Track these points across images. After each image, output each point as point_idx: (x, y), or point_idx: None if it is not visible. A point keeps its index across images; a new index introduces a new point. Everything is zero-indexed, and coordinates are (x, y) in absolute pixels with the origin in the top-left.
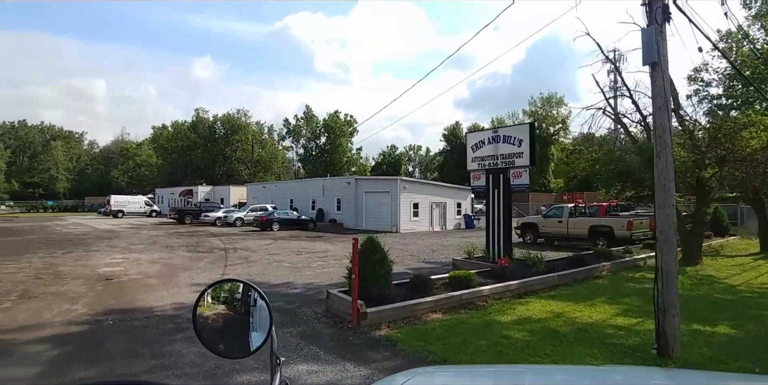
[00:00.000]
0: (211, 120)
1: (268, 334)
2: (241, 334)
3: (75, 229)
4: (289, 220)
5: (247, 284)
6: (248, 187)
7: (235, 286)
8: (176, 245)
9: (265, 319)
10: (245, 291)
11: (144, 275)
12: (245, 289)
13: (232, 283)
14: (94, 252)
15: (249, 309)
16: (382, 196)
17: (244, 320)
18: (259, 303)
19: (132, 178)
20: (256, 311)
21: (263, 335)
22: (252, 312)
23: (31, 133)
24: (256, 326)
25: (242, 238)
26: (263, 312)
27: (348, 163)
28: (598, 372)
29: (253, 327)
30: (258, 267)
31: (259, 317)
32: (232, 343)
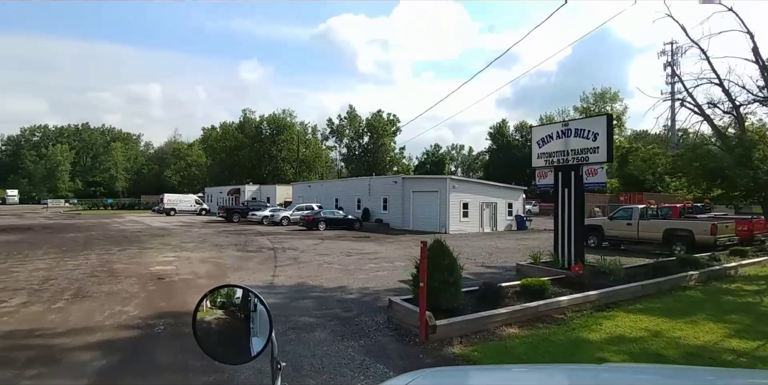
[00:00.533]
0: (257, 120)
1: (268, 339)
2: (242, 339)
3: (131, 226)
4: (336, 219)
5: (247, 290)
6: (294, 186)
7: (236, 291)
8: (225, 244)
9: (265, 324)
10: (245, 296)
11: (195, 276)
12: (245, 294)
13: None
14: (148, 250)
15: (249, 314)
16: (430, 195)
17: (245, 325)
18: (259, 308)
19: (183, 177)
20: (257, 317)
21: (264, 341)
22: (252, 317)
23: (94, 136)
24: (256, 332)
25: (289, 237)
26: (263, 317)
27: (391, 163)
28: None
29: (254, 332)
30: (309, 269)
31: (259, 322)
32: (233, 349)
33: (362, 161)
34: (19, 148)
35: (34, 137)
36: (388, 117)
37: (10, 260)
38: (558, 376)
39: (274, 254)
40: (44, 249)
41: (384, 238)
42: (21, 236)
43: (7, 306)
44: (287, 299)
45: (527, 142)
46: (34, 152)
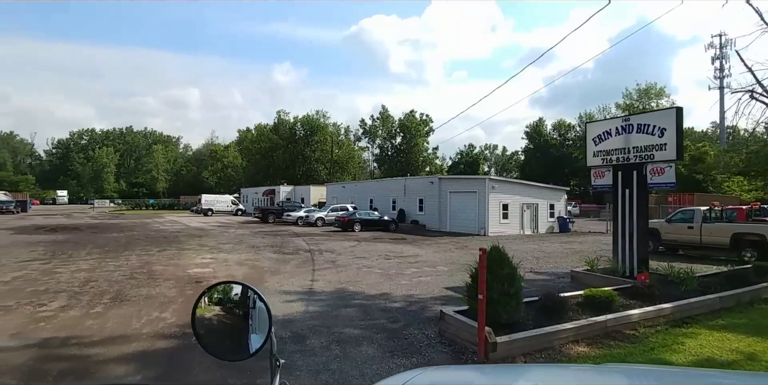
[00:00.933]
0: (291, 122)
1: (267, 336)
2: (241, 336)
3: (170, 226)
4: (371, 220)
5: (246, 286)
6: (328, 187)
7: (235, 288)
8: (262, 246)
9: (264, 321)
10: (244, 293)
11: (232, 279)
12: (244, 291)
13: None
14: (186, 251)
15: (248, 311)
16: (468, 196)
17: (244, 322)
18: (258, 305)
19: (220, 178)
20: (255, 313)
21: (263, 337)
22: (251, 314)
23: (137, 139)
24: (255, 328)
25: (325, 238)
26: (262, 314)
27: (424, 163)
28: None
29: (253, 329)
30: (348, 273)
31: (258, 319)
32: (232, 345)
33: (395, 162)
34: (69, 151)
35: (82, 141)
36: (421, 117)
37: (54, 260)
38: (556, 376)
39: (311, 256)
40: (88, 249)
41: (421, 240)
42: (68, 236)
43: (46, 310)
44: (328, 306)
45: (565, 141)
46: (82, 155)
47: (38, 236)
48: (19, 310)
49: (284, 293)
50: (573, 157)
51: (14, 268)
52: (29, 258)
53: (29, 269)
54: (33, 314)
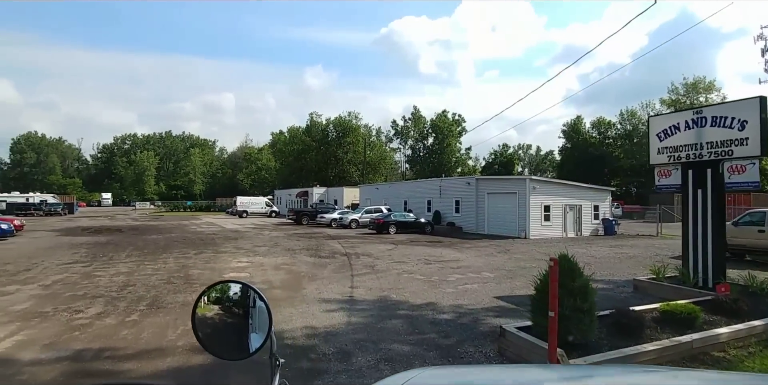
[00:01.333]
0: (323, 123)
1: (267, 335)
2: (241, 335)
3: (207, 228)
4: (406, 223)
5: (246, 285)
6: (361, 188)
7: (235, 287)
8: (297, 249)
9: (264, 320)
10: (244, 292)
11: (269, 285)
12: (244, 290)
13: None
14: (222, 254)
15: (248, 310)
16: (508, 197)
17: (244, 321)
18: (258, 304)
19: (254, 180)
20: (255, 312)
21: (263, 337)
22: (251, 313)
23: (175, 143)
24: (255, 328)
25: (360, 241)
26: (262, 313)
27: (456, 164)
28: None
29: (253, 328)
30: (389, 279)
31: (258, 318)
32: (232, 345)
33: (427, 163)
34: (113, 156)
35: (125, 145)
36: (453, 117)
37: (95, 263)
38: (555, 375)
39: (348, 260)
40: (127, 251)
41: (460, 243)
42: (109, 238)
43: (82, 317)
44: (372, 317)
45: (605, 140)
46: (125, 159)
47: (82, 238)
48: (56, 317)
49: (324, 301)
50: (614, 156)
51: (56, 271)
52: (71, 260)
53: (70, 271)
54: (69, 321)
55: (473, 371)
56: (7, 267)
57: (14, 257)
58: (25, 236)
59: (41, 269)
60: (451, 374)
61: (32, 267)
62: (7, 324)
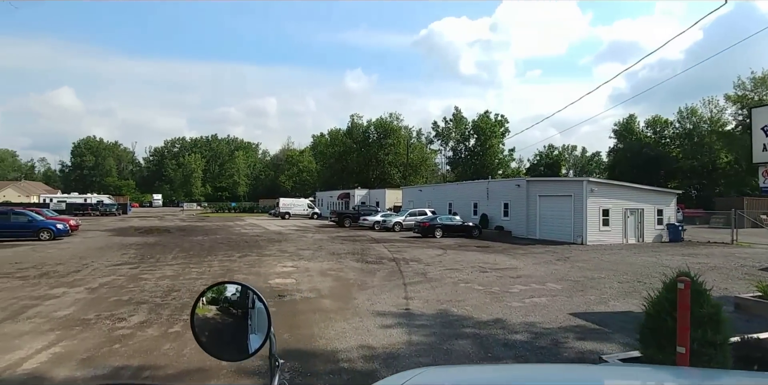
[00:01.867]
0: (365, 125)
1: (266, 336)
2: (240, 336)
3: (250, 230)
4: (453, 226)
5: (245, 286)
6: (404, 190)
7: (234, 288)
8: (342, 253)
9: (263, 321)
10: (243, 293)
11: (317, 294)
12: (243, 291)
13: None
14: (266, 257)
15: (247, 311)
16: (562, 200)
17: (243, 322)
18: (257, 305)
19: (296, 182)
20: (254, 313)
21: (262, 337)
22: (250, 314)
23: (220, 146)
24: (254, 328)
25: (407, 245)
26: (261, 314)
27: (499, 166)
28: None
29: (252, 329)
30: (445, 289)
31: (257, 319)
32: (231, 345)
33: (468, 164)
34: (163, 158)
35: (175, 148)
36: (496, 118)
37: (142, 265)
38: (556, 375)
39: (398, 266)
40: (174, 253)
41: (512, 249)
42: (158, 239)
43: (124, 326)
44: (435, 336)
45: (662, 139)
46: (174, 161)
47: (132, 238)
48: (98, 325)
49: (378, 314)
50: (671, 156)
51: (104, 272)
52: (120, 261)
53: (117, 274)
54: (110, 331)
55: (473, 371)
56: (58, 268)
57: (67, 258)
58: (80, 236)
59: (90, 271)
60: (451, 374)
61: (82, 268)
62: (47, 333)
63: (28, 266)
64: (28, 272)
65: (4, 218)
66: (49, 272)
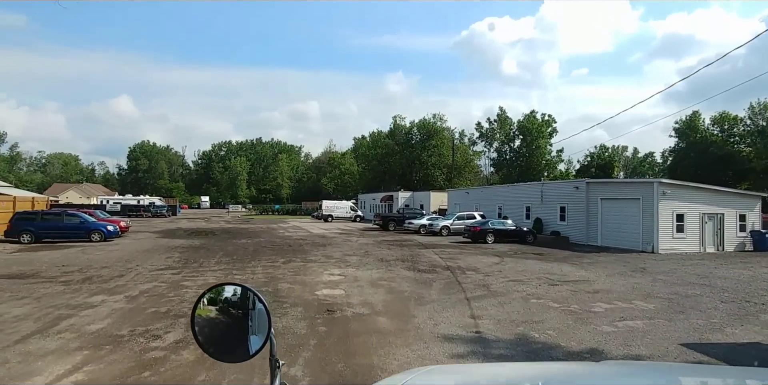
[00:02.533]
0: (407, 126)
1: (267, 337)
2: (241, 337)
3: (294, 233)
4: (505, 231)
5: (246, 288)
6: (449, 192)
7: (235, 289)
8: (391, 259)
9: (263, 322)
10: (243, 294)
11: (371, 309)
12: (243, 292)
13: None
14: (311, 263)
15: (248, 312)
16: (628, 204)
17: (243, 323)
18: (257, 306)
19: (338, 184)
20: (255, 315)
21: (262, 339)
22: (251, 315)
23: (264, 149)
24: (255, 330)
25: (458, 252)
26: (262, 315)
27: (547, 167)
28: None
29: (252, 330)
30: (515, 306)
31: (257, 320)
32: (232, 346)
33: (513, 166)
34: (210, 162)
35: (221, 152)
36: (543, 118)
37: (185, 270)
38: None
39: (454, 276)
40: (217, 257)
41: (575, 257)
42: (202, 241)
43: (158, 347)
44: None
45: (730, 138)
46: (221, 164)
47: (178, 241)
48: (130, 344)
49: (445, 338)
50: (741, 156)
51: (146, 278)
52: (163, 266)
53: (159, 280)
54: (142, 353)
55: (472, 371)
56: (102, 272)
57: (113, 261)
58: (129, 238)
59: (133, 276)
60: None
61: (125, 273)
62: (74, 353)
63: (73, 269)
64: (72, 276)
65: (57, 220)
66: (92, 276)
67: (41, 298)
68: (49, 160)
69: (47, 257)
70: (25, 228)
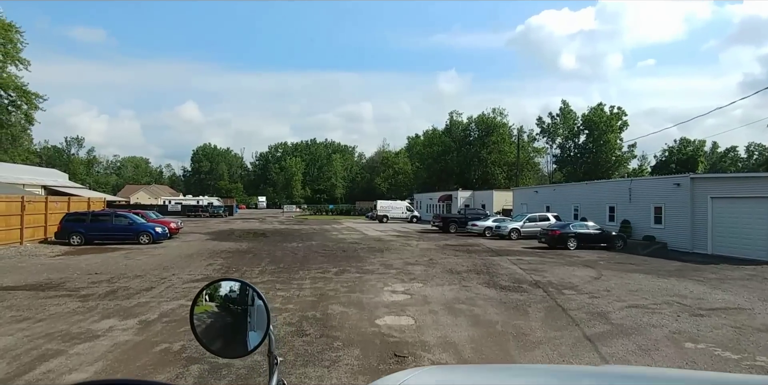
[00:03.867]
0: (464, 122)
1: (265, 333)
2: (239, 333)
3: (348, 235)
4: (590, 235)
5: (245, 283)
6: (515, 191)
7: (234, 284)
8: (462, 270)
9: (262, 318)
10: (242, 290)
11: (456, 355)
12: (242, 287)
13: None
14: (368, 274)
15: (247, 308)
16: (751, 204)
17: (242, 319)
18: (256, 302)
19: (391, 184)
20: (254, 310)
21: (261, 335)
22: (250, 311)
23: (319, 149)
24: (254, 326)
25: (539, 261)
26: (261, 311)
27: (617, 164)
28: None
29: (251, 326)
30: (667, 356)
31: (256, 316)
32: (230, 342)
33: (578, 163)
34: (267, 163)
35: (278, 153)
36: (611, 111)
37: None
38: (554, 376)
39: (551, 298)
40: (262, 265)
41: (690, 270)
42: (251, 245)
43: None
44: None
45: None
46: (277, 165)
47: (226, 244)
48: None
49: None
50: None
51: (176, 294)
52: (201, 276)
53: (189, 296)
54: None
55: (471, 371)
56: (132, 283)
57: (151, 267)
58: (179, 239)
59: (163, 289)
60: (449, 374)
61: (157, 284)
62: None
63: (103, 279)
64: (96, 289)
65: (106, 221)
66: (118, 289)
67: (44, 320)
68: (123, 164)
69: (86, 262)
70: (76, 230)
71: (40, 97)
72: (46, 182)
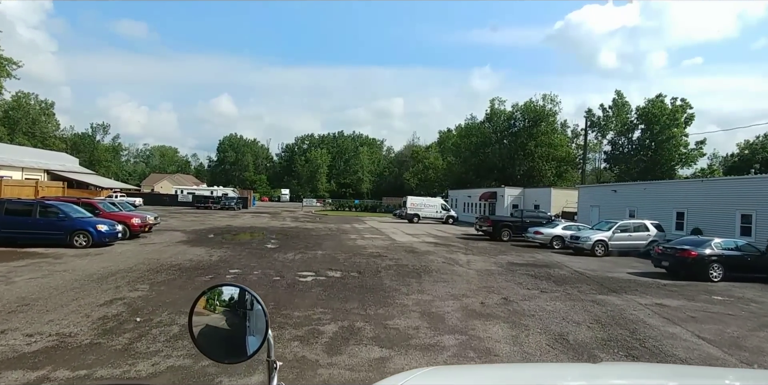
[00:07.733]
0: (508, 111)
1: (264, 338)
2: (238, 338)
3: (370, 240)
4: (743, 259)
5: (243, 289)
6: (581, 190)
7: (233, 290)
8: (588, 341)
9: (261, 323)
10: (241, 295)
11: None
12: (241, 293)
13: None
14: (395, 331)
15: (246, 313)
16: None
17: (241, 324)
18: (255, 307)
19: (421, 179)
20: (253, 316)
21: (260, 340)
22: (248, 316)
23: (346, 142)
24: (252, 331)
25: (692, 307)
26: (259, 316)
27: (680, 161)
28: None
29: (250, 331)
30: None
31: (255, 321)
32: (229, 348)
33: (632, 160)
34: (293, 154)
35: (304, 145)
36: (673, 103)
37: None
38: (554, 374)
39: None
40: None
41: None
42: (224, 256)
43: None
44: None
45: None
46: (303, 157)
47: (191, 252)
48: None
49: None
50: None
51: None
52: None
53: None
54: None
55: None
56: None
57: (35, 298)
58: (141, 240)
59: None
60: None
61: None
62: None
63: None
64: None
65: (26, 213)
66: None
67: None
68: (151, 153)
69: None
70: None
71: (14, 64)
72: (51, 167)
